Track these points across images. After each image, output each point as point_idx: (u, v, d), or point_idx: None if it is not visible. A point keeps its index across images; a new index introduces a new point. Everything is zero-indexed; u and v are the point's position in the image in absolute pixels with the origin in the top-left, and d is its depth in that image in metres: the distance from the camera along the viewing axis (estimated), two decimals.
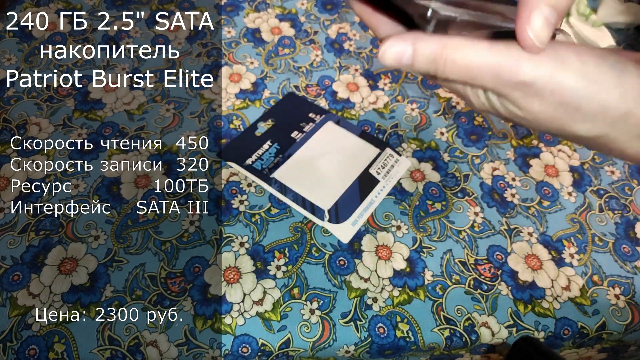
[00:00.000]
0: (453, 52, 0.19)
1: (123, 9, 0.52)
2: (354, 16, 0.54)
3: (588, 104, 0.19)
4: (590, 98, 0.18)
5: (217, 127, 0.43)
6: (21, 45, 0.48)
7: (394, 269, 0.36)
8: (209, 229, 0.37)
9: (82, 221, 0.37)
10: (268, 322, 0.33)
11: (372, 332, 0.34)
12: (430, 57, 0.19)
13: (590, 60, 0.18)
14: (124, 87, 0.45)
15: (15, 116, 0.43)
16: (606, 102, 0.18)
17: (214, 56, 0.48)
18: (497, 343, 0.34)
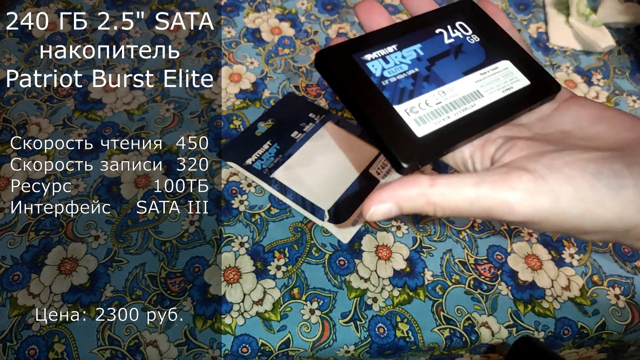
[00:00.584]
0: (439, 201, 0.19)
1: (123, 9, 0.52)
2: (354, 16, 0.54)
3: (591, 226, 0.18)
4: (591, 220, 0.18)
5: (217, 127, 0.43)
6: (21, 45, 0.48)
7: (394, 269, 0.36)
8: (209, 229, 0.37)
9: (82, 221, 0.37)
10: (268, 322, 0.33)
11: (372, 332, 0.34)
12: (417, 208, 0.19)
13: (584, 183, 0.18)
14: (124, 87, 0.45)
15: (15, 116, 0.43)
16: (608, 220, 0.18)
17: (214, 56, 0.48)
18: (497, 343, 0.34)
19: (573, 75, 0.51)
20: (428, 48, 0.24)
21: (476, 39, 0.24)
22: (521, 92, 0.23)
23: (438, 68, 0.23)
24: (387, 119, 0.21)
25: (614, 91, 0.50)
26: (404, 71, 0.23)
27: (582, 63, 0.52)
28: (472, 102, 0.22)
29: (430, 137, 0.21)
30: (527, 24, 0.55)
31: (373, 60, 0.23)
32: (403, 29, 0.24)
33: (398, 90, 0.22)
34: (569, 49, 0.53)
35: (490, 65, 0.23)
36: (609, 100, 0.49)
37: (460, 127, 0.21)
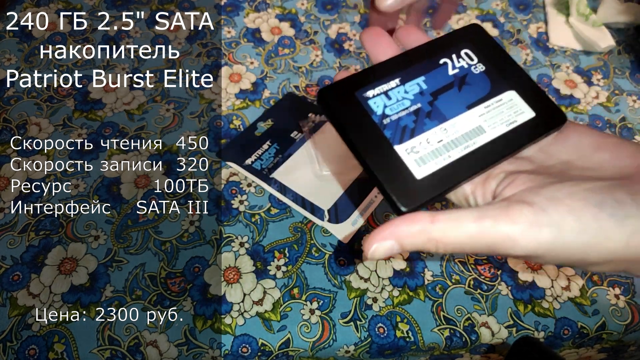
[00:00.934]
0: (441, 239, 0.18)
1: (123, 9, 0.52)
2: (353, 16, 0.54)
3: (596, 257, 0.18)
4: (596, 250, 0.17)
5: (217, 127, 0.43)
6: (21, 45, 0.48)
7: (393, 269, 0.36)
8: (208, 229, 0.37)
9: (82, 221, 0.37)
10: (268, 322, 0.33)
11: (372, 332, 0.34)
12: (419, 246, 0.19)
13: (587, 214, 0.17)
14: (124, 87, 0.45)
15: (15, 116, 0.43)
16: (614, 251, 0.17)
17: (214, 56, 0.48)
18: (497, 343, 0.34)
19: (573, 75, 0.51)
20: (432, 81, 0.23)
21: (481, 68, 0.24)
22: (525, 125, 0.22)
23: (441, 102, 0.23)
24: (386, 161, 0.21)
25: (614, 91, 0.50)
26: (405, 107, 0.22)
27: (582, 63, 0.52)
28: (474, 138, 0.22)
29: (430, 178, 0.21)
30: (527, 24, 0.55)
31: (375, 97, 0.22)
32: (408, 60, 0.24)
33: (399, 129, 0.22)
34: (569, 49, 0.53)
35: (495, 97, 0.23)
36: (609, 100, 0.49)
37: (461, 166, 0.21)
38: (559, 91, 0.49)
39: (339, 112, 0.22)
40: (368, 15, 0.26)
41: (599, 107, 0.49)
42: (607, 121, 0.47)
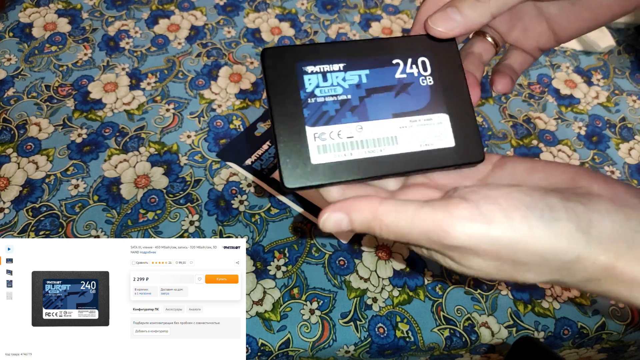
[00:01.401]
0: (384, 218, 0.20)
1: (123, 9, 0.52)
2: (353, 16, 0.54)
3: (525, 257, 0.18)
4: (525, 251, 0.18)
5: (216, 127, 0.43)
6: (21, 45, 0.48)
7: (393, 269, 0.36)
8: (208, 229, 0.37)
9: (82, 221, 0.37)
10: (268, 322, 0.33)
11: (372, 332, 0.34)
12: (364, 223, 0.20)
13: (517, 214, 0.18)
14: (124, 87, 0.45)
15: (15, 116, 0.43)
16: (542, 252, 0.18)
17: (214, 56, 0.48)
18: (497, 343, 0.34)
19: (573, 75, 0.51)
20: (374, 77, 0.23)
21: (429, 82, 0.23)
22: (438, 152, 0.23)
23: (371, 102, 0.22)
24: (293, 137, 0.22)
25: (614, 91, 0.50)
26: (335, 94, 0.22)
27: (582, 63, 0.52)
28: (383, 146, 0.22)
29: (323, 167, 0.22)
30: None
31: (312, 74, 0.22)
32: (364, 47, 0.23)
33: (318, 113, 0.22)
34: (569, 49, 0.53)
35: (425, 115, 0.23)
36: (609, 100, 0.49)
37: (356, 167, 0.22)
38: (559, 91, 0.49)
39: (274, 75, 0.22)
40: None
41: (599, 107, 0.49)
42: (607, 121, 0.47)
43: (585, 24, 0.25)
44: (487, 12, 0.22)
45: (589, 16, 0.25)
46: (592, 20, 0.25)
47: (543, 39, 0.27)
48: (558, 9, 0.26)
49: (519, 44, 0.28)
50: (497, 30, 0.28)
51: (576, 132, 0.46)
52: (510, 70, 0.28)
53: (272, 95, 0.22)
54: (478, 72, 0.26)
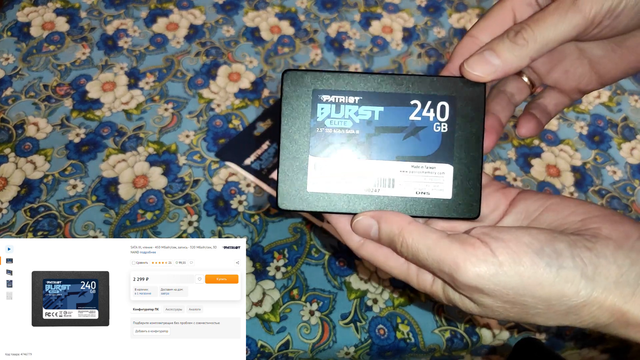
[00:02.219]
0: (407, 237, 0.21)
1: (121, 7, 0.51)
2: (353, 15, 0.53)
3: (533, 302, 0.19)
4: (532, 296, 0.19)
5: (215, 126, 0.43)
6: (19, 45, 0.47)
7: None
8: (207, 230, 0.37)
9: (80, 221, 0.37)
10: (267, 324, 0.33)
11: (373, 334, 0.33)
12: (390, 236, 0.21)
13: (526, 260, 0.19)
14: (123, 87, 0.45)
15: (13, 116, 0.43)
16: (548, 299, 0.19)
17: (213, 55, 0.48)
18: (498, 344, 0.34)
19: None
20: (387, 116, 0.23)
21: (443, 129, 0.23)
22: (432, 202, 0.23)
23: (378, 141, 0.23)
24: (295, 162, 0.23)
25: (616, 91, 0.49)
26: (344, 127, 0.23)
27: None
28: (379, 187, 0.23)
29: (316, 196, 0.23)
30: None
31: (326, 103, 0.23)
32: (385, 83, 0.23)
33: (324, 143, 0.23)
34: None
35: (429, 163, 0.23)
36: (611, 100, 0.49)
37: (349, 201, 0.23)
38: None
39: (290, 97, 0.23)
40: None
41: (600, 106, 0.48)
42: (608, 121, 0.47)
43: (631, 66, 0.24)
44: (526, 55, 0.21)
45: (635, 58, 0.24)
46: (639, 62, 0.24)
47: (584, 81, 0.26)
48: (602, 51, 0.24)
49: (559, 85, 0.27)
50: (535, 71, 0.27)
51: (578, 132, 0.46)
52: (543, 112, 0.27)
53: (284, 118, 0.23)
54: (504, 114, 0.25)
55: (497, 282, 0.19)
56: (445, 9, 0.55)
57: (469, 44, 0.23)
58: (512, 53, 0.21)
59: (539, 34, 0.20)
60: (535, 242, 0.19)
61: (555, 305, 0.19)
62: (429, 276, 0.22)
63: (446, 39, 0.52)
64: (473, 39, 0.23)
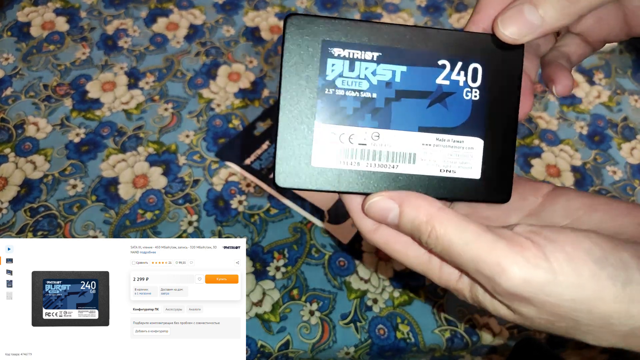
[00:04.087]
0: (438, 227, 0.17)
1: (121, 7, 0.51)
2: (354, 15, 0.53)
3: (588, 319, 0.16)
4: (587, 311, 0.16)
5: (215, 126, 0.43)
6: (19, 45, 0.47)
7: (394, 269, 0.36)
8: (207, 230, 0.37)
9: (80, 221, 0.37)
10: (267, 324, 0.33)
11: (373, 334, 0.33)
12: (415, 223, 0.18)
13: (585, 269, 0.16)
14: (123, 87, 0.45)
15: (13, 116, 0.43)
16: (609, 317, 0.16)
17: (213, 55, 0.48)
18: (498, 344, 0.34)
19: (574, 74, 0.50)
20: (410, 77, 0.19)
21: (474, 96, 0.19)
22: (457, 182, 0.20)
23: (398, 107, 0.19)
24: (297, 129, 0.19)
25: (616, 90, 0.49)
26: (359, 89, 0.19)
27: (584, 62, 0.52)
28: (397, 162, 0.19)
29: (323, 172, 0.19)
30: None
31: (338, 59, 0.19)
32: (409, 37, 0.19)
33: (334, 108, 0.19)
34: None
35: (458, 135, 0.20)
36: (611, 100, 0.49)
37: (360, 180, 0.19)
38: None
39: (293, 49, 0.19)
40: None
41: (600, 106, 0.48)
42: (608, 121, 0.47)
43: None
44: (576, 13, 0.17)
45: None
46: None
47: (615, 31, 0.22)
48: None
49: (587, 34, 0.23)
50: None
51: (578, 132, 0.46)
52: (567, 62, 0.23)
53: (285, 74, 0.19)
54: (533, 69, 0.22)
55: (549, 293, 0.16)
56: (445, 8, 0.55)
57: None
58: (560, 10, 0.17)
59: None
60: (596, 250, 0.16)
61: (615, 325, 0.16)
62: (455, 271, 0.19)
63: None
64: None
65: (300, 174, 0.19)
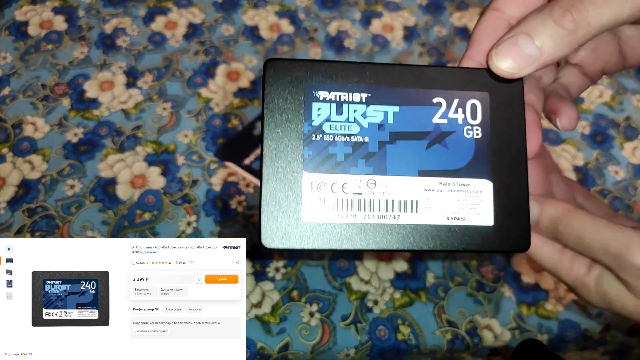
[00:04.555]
0: (574, 221, 0.19)
1: (120, 6, 0.51)
2: (354, 13, 0.53)
3: None
4: None
5: (215, 126, 0.43)
6: (17, 44, 0.47)
7: (395, 270, 0.36)
8: (206, 230, 0.37)
9: (78, 222, 0.37)
10: (267, 325, 0.33)
11: (373, 335, 0.33)
12: (553, 217, 0.19)
13: None
14: (121, 86, 0.45)
15: (10, 115, 0.42)
16: None
17: (212, 54, 0.48)
18: (499, 346, 0.34)
19: None
20: (404, 117, 0.18)
21: (476, 134, 0.18)
22: (470, 230, 0.17)
23: (394, 150, 0.17)
24: (284, 182, 0.17)
25: (618, 90, 0.49)
26: (349, 134, 0.17)
27: None
28: (398, 212, 0.17)
29: (315, 228, 0.17)
30: None
31: (323, 102, 0.18)
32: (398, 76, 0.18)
33: (323, 155, 0.17)
34: None
35: (462, 178, 0.18)
36: (613, 99, 0.49)
37: (358, 234, 0.17)
38: None
39: (274, 95, 0.17)
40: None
41: (602, 106, 0.48)
42: (611, 120, 0.47)
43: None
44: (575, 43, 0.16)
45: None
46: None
47: (611, 62, 0.22)
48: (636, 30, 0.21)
49: (584, 64, 0.23)
50: None
51: (580, 132, 0.46)
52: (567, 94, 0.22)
53: (267, 122, 0.17)
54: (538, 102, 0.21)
55: None
56: (446, 7, 0.55)
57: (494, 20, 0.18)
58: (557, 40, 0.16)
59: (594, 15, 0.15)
60: None
61: None
62: (584, 265, 0.20)
63: (447, 38, 0.52)
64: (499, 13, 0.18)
65: (288, 233, 0.17)
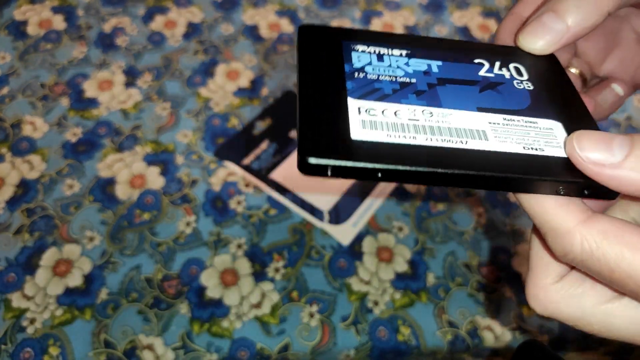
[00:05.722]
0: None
1: (119, 5, 0.51)
2: (354, 12, 0.53)
3: None
4: None
5: (214, 126, 0.43)
6: (16, 43, 0.47)
7: (395, 271, 0.36)
8: (205, 230, 0.37)
9: (77, 222, 0.37)
10: (266, 326, 0.33)
11: (373, 336, 0.33)
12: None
13: None
14: (120, 85, 0.45)
15: (9, 115, 0.42)
16: None
17: (211, 53, 0.48)
18: (500, 346, 0.34)
19: None
20: (449, 69, 0.17)
21: (527, 87, 0.17)
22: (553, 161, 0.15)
23: (445, 91, 0.16)
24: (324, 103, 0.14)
25: None
26: (394, 75, 0.16)
27: None
28: (465, 138, 0.15)
29: (367, 145, 0.14)
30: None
31: (362, 53, 0.17)
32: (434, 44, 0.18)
33: (368, 87, 0.15)
34: None
35: (525, 117, 0.16)
36: None
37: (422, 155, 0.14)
38: None
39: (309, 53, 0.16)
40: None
41: None
42: (612, 120, 0.47)
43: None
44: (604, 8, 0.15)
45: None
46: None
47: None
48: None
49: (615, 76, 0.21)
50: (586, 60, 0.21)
51: None
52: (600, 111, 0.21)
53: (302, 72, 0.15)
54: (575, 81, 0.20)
55: None
56: (446, 6, 0.54)
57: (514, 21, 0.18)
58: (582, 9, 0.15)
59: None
60: None
61: None
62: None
63: (448, 37, 0.52)
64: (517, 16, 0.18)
65: (336, 147, 0.13)
